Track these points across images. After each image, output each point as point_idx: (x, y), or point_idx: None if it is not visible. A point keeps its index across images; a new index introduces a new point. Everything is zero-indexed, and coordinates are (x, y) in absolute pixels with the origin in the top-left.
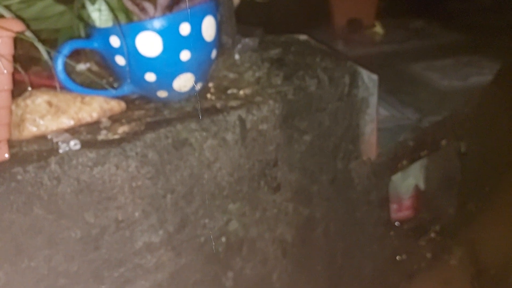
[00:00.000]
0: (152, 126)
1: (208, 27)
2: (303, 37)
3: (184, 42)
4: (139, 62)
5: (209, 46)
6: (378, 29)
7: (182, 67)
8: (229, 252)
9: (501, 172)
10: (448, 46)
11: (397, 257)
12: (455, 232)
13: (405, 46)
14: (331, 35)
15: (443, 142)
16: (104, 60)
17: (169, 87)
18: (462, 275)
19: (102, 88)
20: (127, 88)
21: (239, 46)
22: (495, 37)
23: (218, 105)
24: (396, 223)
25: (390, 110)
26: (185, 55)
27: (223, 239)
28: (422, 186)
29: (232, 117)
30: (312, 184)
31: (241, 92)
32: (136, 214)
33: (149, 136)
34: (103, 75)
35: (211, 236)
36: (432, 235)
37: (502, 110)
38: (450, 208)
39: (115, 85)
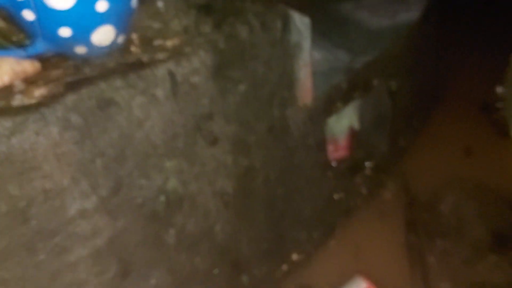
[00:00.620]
0: (73, 87)
1: None
2: None
3: None
4: (50, 16)
5: None
6: None
7: (100, 19)
8: (170, 210)
9: (428, 107)
10: None
11: (335, 196)
12: (388, 167)
13: None
14: None
15: (375, 82)
16: (11, 16)
17: (87, 42)
18: (396, 206)
19: (11, 47)
20: (39, 46)
21: None
22: None
23: (144, 58)
24: (333, 164)
25: (323, 53)
26: (101, 5)
27: (162, 198)
28: (356, 126)
29: (161, 71)
30: (249, 134)
31: (168, 43)
32: (65, 181)
33: (70, 98)
34: (12, 33)
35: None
36: (367, 172)
37: (429, 46)
38: (382, 145)
39: (26, 43)
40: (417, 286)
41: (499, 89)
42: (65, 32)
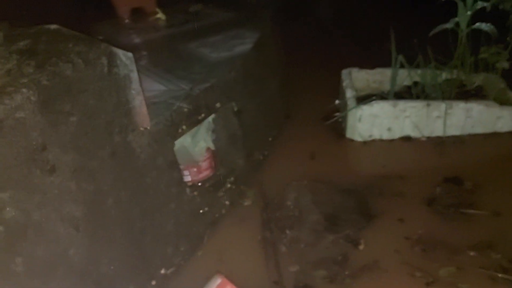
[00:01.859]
0: None
1: None
2: (54, 26)
3: None
4: None
5: None
6: (160, 15)
7: None
8: (11, 239)
9: (278, 123)
10: (220, 24)
11: (200, 211)
12: (247, 178)
13: (185, 28)
14: (117, 26)
15: (218, 105)
16: None
17: None
18: (254, 210)
19: None
20: None
21: None
22: (256, 12)
23: None
24: (199, 184)
25: (167, 85)
26: None
27: (1, 228)
28: (212, 147)
29: None
30: (90, 161)
31: None
32: None
33: None
34: None
35: None
36: (229, 185)
37: (263, 69)
38: (240, 160)
39: None
40: (271, 274)
41: (336, 101)
42: None
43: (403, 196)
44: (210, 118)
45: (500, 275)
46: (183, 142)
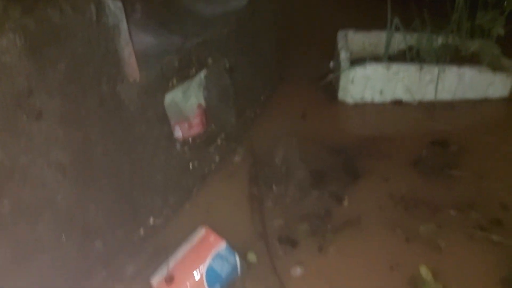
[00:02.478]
0: None
1: None
2: None
3: None
4: None
5: None
6: None
7: None
8: None
9: (272, 84)
10: None
11: (190, 165)
12: (238, 136)
13: None
14: None
15: (210, 61)
16: None
17: None
18: (243, 167)
19: None
20: None
21: None
22: None
23: None
24: (190, 140)
25: (158, 39)
26: None
27: None
28: (203, 103)
29: None
30: (78, 109)
31: None
32: None
33: None
34: None
35: None
36: (219, 142)
37: (258, 28)
38: (231, 117)
39: None
40: (256, 227)
41: (331, 64)
42: None
43: (390, 157)
44: (201, 74)
45: (477, 233)
46: (174, 97)
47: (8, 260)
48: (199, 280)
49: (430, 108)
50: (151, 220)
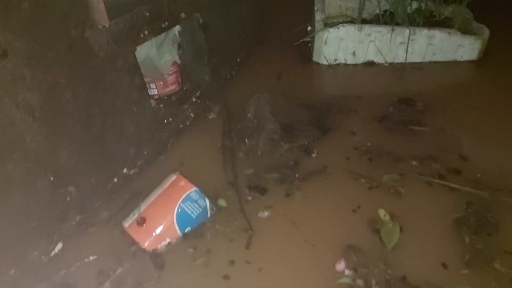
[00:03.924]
0: None
1: None
2: None
3: None
4: None
5: None
6: None
7: None
8: None
9: (249, 45)
10: None
11: (165, 120)
12: (212, 94)
13: None
14: None
15: (182, 15)
16: None
17: None
18: (217, 123)
19: None
20: None
21: None
22: None
23: None
24: (165, 97)
25: None
26: None
27: None
28: (178, 60)
29: None
30: (46, 52)
31: None
32: None
33: None
34: None
35: None
36: (194, 99)
37: None
38: (206, 76)
39: None
40: (227, 176)
41: (308, 27)
42: None
43: (358, 113)
44: (176, 31)
45: (436, 181)
46: (148, 53)
47: None
48: (170, 220)
49: (400, 69)
50: (125, 170)
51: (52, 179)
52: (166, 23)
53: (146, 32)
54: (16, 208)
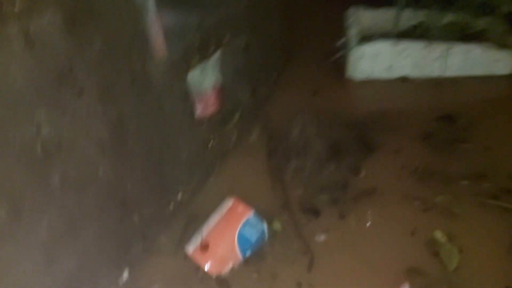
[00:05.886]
0: None
1: None
2: None
3: None
4: None
5: None
6: None
7: None
8: (48, 155)
9: (282, 62)
10: None
11: (209, 144)
12: (252, 114)
13: None
14: None
15: (225, 39)
16: None
17: None
18: (260, 143)
19: None
20: None
21: None
22: None
23: None
24: (206, 119)
25: (177, 18)
26: None
27: (39, 144)
28: (220, 81)
29: (14, 29)
30: (114, 86)
31: (17, 6)
32: None
33: None
34: None
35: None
36: (235, 120)
37: (268, 5)
38: (245, 96)
39: None
40: (278, 196)
41: (339, 41)
42: None
43: (400, 131)
44: (217, 53)
45: (490, 201)
46: (192, 77)
47: (62, 231)
48: (232, 245)
49: (437, 84)
50: (180, 194)
51: (119, 209)
52: (212, 48)
53: (196, 59)
54: (88, 242)
